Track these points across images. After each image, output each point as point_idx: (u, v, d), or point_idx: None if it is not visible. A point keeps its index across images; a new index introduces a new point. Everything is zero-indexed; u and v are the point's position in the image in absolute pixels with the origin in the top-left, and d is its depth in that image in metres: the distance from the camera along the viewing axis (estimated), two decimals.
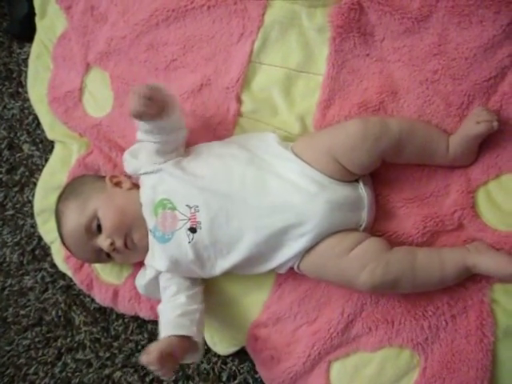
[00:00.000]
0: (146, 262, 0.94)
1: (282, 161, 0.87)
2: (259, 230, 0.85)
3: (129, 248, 0.93)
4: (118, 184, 0.98)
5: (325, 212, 0.83)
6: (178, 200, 0.88)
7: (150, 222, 0.90)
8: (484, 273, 0.81)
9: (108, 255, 0.95)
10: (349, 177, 0.86)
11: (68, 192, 0.99)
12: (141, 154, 0.94)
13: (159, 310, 0.93)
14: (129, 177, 0.99)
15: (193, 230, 0.87)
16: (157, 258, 0.91)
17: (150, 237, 0.91)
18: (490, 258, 0.80)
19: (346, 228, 0.86)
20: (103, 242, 0.92)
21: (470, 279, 0.85)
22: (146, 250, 0.93)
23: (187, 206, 0.87)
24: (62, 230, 0.97)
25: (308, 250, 0.86)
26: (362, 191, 0.86)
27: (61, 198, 0.99)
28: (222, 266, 0.90)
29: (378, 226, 0.90)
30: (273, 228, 0.84)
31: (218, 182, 0.87)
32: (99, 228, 0.92)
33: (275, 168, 0.86)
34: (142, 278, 0.96)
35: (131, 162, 0.95)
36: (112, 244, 0.91)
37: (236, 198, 0.86)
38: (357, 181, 0.87)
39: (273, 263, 0.88)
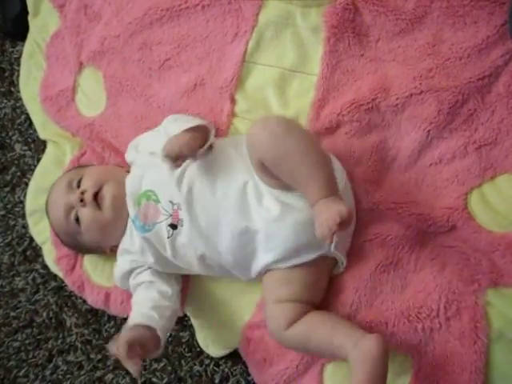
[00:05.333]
0: (122, 246, 0.95)
1: (254, 178, 0.86)
2: (235, 239, 0.85)
3: (97, 202, 0.92)
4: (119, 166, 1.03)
5: (290, 234, 0.83)
6: (163, 194, 0.89)
7: (132, 211, 0.91)
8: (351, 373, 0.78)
9: (77, 220, 0.94)
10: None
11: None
12: (144, 150, 0.97)
13: (132, 303, 0.93)
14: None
15: (173, 226, 0.88)
16: (138, 248, 0.91)
17: (130, 223, 0.92)
18: (360, 371, 0.75)
19: (315, 248, 0.84)
20: (76, 194, 0.93)
21: (462, 282, 0.85)
22: (115, 216, 0.93)
23: (170, 202, 0.88)
24: (49, 191, 1.01)
25: (273, 268, 0.86)
26: None
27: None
28: (199, 267, 0.90)
29: (371, 229, 0.90)
30: (243, 238, 0.85)
31: (204, 184, 0.87)
32: (79, 186, 0.94)
33: (255, 181, 0.86)
34: (116, 270, 0.96)
35: (132, 153, 0.98)
36: (82, 193, 0.92)
37: (218, 203, 0.86)
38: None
39: (251, 273, 0.89)
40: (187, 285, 1.00)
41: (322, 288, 0.89)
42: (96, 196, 0.92)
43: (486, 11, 0.82)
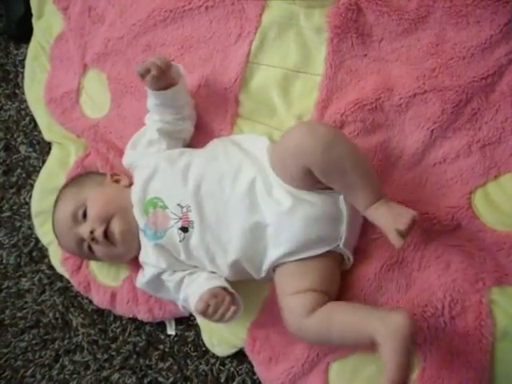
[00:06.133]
0: (140, 259, 0.95)
1: (265, 172, 0.87)
2: (246, 234, 0.85)
3: (109, 240, 0.92)
4: (117, 181, 1.00)
5: (301, 227, 0.83)
6: (170, 199, 0.89)
7: (141, 221, 0.91)
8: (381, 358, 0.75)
9: (90, 249, 0.95)
10: (321, 184, 0.84)
11: (70, 181, 1.04)
12: (140, 143, 0.97)
13: (185, 297, 0.90)
14: (129, 177, 1.00)
15: (184, 229, 0.88)
16: (152, 257, 0.91)
17: (141, 235, 0.92)
18: (391, 351, 0.73)
19: (325, 243, 0.85)
20: (84, 228, 0.92)
21: (467, 281, 0.85)
22: (128, 248, 0.94)
23: (178, 205, 0.88)
24: (54, 216, 1.00)
25: (283, 262, 0.86)
26: (342, 204, 0.85)
27: (63, 187, 1.03)
28: (211, 267, 0.90)
29: (375, 227, 0.89)
30: (253, 234, 0.85)
31: (211, 182, 0.87)
32: (85, 216, 0.93)
33: (265, 175, 0.86)
34: (142, 277, 0.96)
35: (129, 154, 0.98)
36: (92, 232, 0.91)
37: (227, 200, 0.86)
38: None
39: (262, 270, 0.89)
40: None
41: (336, 281, 0.89)
42: (106, 232, 0.92)
43: (489, 10, 0.82)
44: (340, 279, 0.90)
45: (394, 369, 0.72)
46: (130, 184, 0.97)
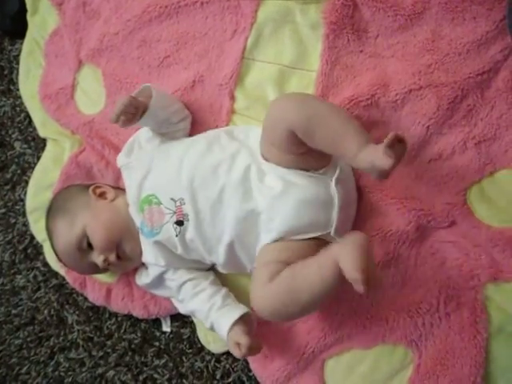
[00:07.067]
0: (144, 260, 0.95)
1: (258, 161, 0.87)
2: (239, 223, 0.85)
3: (123, 259, 0.94)
4: (101, 195, 0.98)
5: (292, 210, 0.83)
6: (163, 194, 0.89)
7: (137, 219, 0.92)
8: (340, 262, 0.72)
9: (106, 269, 0.97)
10: (311, 163, 0.83)
11: (54, 209, 0.99)
12: (135, 147, 0.97)
13: (184, 309, 0.95)
14: (113, 186, 1.01)
15: (180, 222, 0.88)
16: (150, 255, 0.92)
17: (140, 235, 0.93)
18: (347, 254, 0.70)
19: (316, 228, 0.83)
20: (97, 259, 0.93)
21: (462, 277, 0.85)
22: (139, 260, 0.96)
23: (172, 199, 0.88)
24: (55, 248, 0.99)
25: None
26: (333, 190, 0.84)
27: (49, 216, 1.00)
28: (209, 258, 0.90)
29: (372, 224, 0.90)
30: (247, 221, 0.85)
31: (204, 173, 0.87)
32: (90, 245, 0.94)
33: (257, 162, 0.86)
34: (146, 277, 0.97)
35: (124, 158, 0.98)
36: (105, 260, 0.92)
37: (221, 189, 0.85)
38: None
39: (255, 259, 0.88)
40: None
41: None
42: (118, 255, 0.94)
43: (485, 7, 0.82)
44: None
45: (354, 263, 0.68)
46: (115, 194, 0.98)
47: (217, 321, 0.90)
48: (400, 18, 0.87)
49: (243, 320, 0.88)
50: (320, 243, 0.83)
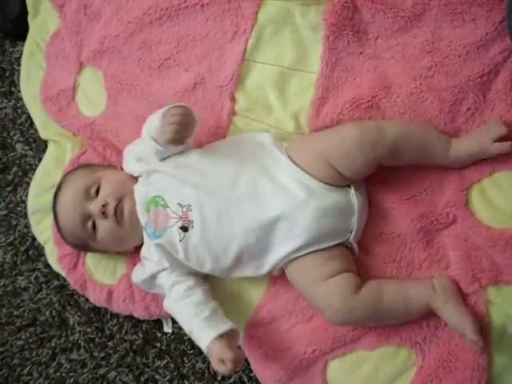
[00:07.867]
0: (142, 254, 0.95)
1: (275, 164, 0.87)
2: (249, 233, 0.85)
3: (117, 217, 0.92)
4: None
5: (314, 219, 0.83)
6: (171, 198, 0.89)
7: (142, 219, 0.91)
8: (446, 321, 0.84)
9: (93, 227, 0.94)
10: (341, 181, 0.86)
11: (78, 167, 1.05)
12: (145, 155, 0.94)
13: (169, 305, 0.93)
14: None
15: (184, 228, 0.88)
16: (155, 255, 0.92)
17: (144, 232, 0.93)
18: (454, 311, 0.81)
19: (336, 236, 0.85)
20: (96, 203, 0.92)
21: (464, 281, 0.85)
22: (132, 233, 0.94)
23: (179, 204, 0.88)
24: (59, 195, 0.98)
25: (296, 257, 0.86)
26: (353, 197, 0.86)
27: (69, 172, 1.04)
28: (212, 267, 0.90)
29: (375, 226, 0.90)
30: (262, 231, 0.85)
31: (211, 182, 0.87)
32: (97, 193, 0.94)
33: (268, 172, 0.87)
34: (142, 273, 0.96)
35: (132, 164, 0.97)
36: (104, 206, 0.91)
37: (228, 199, 0.86)
38: (349, 186, 0.87)
39: (265, 267, 0.89)
40: None
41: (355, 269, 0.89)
42: (116, 209, 0.92)
43: (485, 8, 0.82)
44: None
45: (466, 320, 0.79)
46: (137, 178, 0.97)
47: (200, 329, 0.87)
48: (400, 19, 0.87)
49: (227, 335, 0.86)
50: (341, 247, 0.88)
